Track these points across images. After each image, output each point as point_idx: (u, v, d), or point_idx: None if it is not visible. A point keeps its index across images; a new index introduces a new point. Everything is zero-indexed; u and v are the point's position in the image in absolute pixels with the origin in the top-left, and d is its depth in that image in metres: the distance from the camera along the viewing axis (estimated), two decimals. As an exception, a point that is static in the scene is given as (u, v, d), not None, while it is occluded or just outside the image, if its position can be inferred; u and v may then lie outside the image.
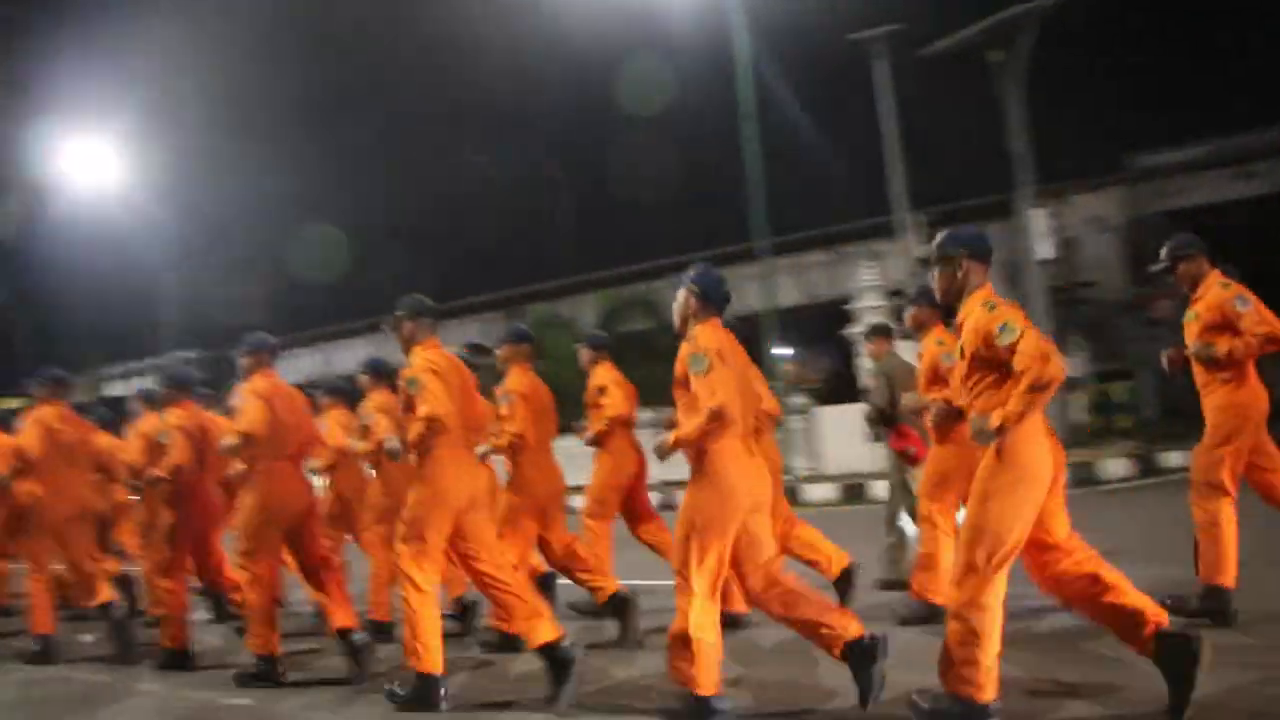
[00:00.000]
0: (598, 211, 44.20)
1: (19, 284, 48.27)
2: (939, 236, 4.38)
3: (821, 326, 33.53)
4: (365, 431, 6.85)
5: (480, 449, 6.17)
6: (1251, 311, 5.49)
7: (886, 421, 7.12)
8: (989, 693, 3.91)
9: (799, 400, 19.23)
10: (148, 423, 7.09)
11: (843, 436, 18.06)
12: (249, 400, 5.84)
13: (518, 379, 6.50)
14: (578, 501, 7.31)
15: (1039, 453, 3.94)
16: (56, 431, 7.29)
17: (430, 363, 5.25)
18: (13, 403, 10.24)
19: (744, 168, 19.33)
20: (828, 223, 30.93)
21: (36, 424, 7.28)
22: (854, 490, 15.70)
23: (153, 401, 7.53)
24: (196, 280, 41.96)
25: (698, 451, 4.41)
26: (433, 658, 5.07)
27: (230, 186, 50.94)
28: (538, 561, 6.88)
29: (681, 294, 4.75)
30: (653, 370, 7.43)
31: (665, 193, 40.35)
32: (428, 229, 51.57)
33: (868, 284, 20.14)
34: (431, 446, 5.12)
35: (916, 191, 19.72)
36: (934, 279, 4.38)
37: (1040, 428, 3.98)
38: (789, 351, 21.69)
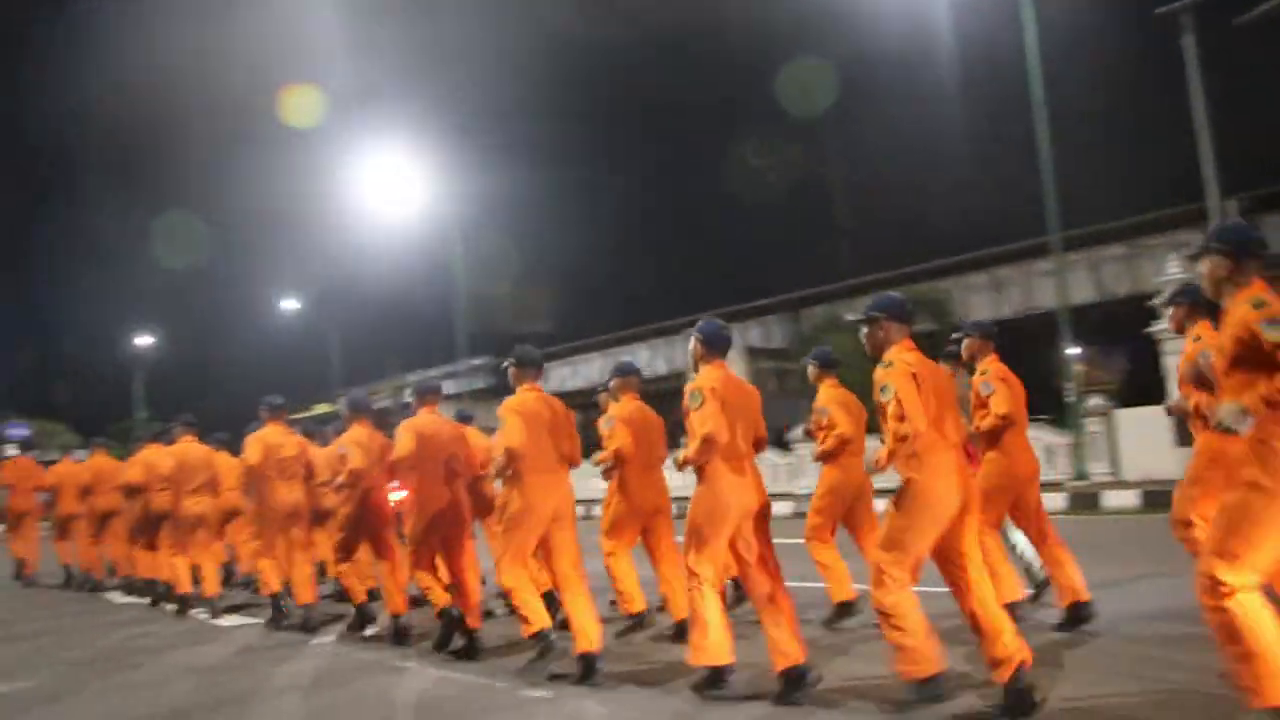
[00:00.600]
0: (879, 211, 43.47)
1: (325, 296, 52.09)
2: (869, 302, 5.10)
3: (1119, 324, 31.69)
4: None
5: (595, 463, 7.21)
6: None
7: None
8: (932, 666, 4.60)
9: (1095, 402, 18.20)
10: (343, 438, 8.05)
11: (1144, 440, 16.96)
12: (402, 433, 7.12)
13: (622, 406, 7.23)
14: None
15: (950, 486, 4.64)
16: (273, 447, 8.68)
17: (518, 403, 6.25)
18: (323, 408, 11.10)
19: (1035, 159, 18.46)
20: (1124, 214, 29.11)
21: (258, 441, 8.68)
22: (1156, 498, 14.58)
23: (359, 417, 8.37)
24: (488, 291, 43.93)
25: (699, 469, 5.27)
26: (538, 619, 6.03)
27: (516, 199, 53.21)
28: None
29: (691, 342, 5.70)
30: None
31: (952, 189, 39.24)
32: (709, 234, 52.21)
33: (1175, 277, 18.79)
34: (520, 471, 6.09)
35: (1228, 176, 18.21)
36: (864, 337, 5.06)
37: (951, 464, 4.67)
38: (1079, 351, 20.55)
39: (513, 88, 57.96)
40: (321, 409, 40.61)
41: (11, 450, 28.06)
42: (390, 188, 32.52)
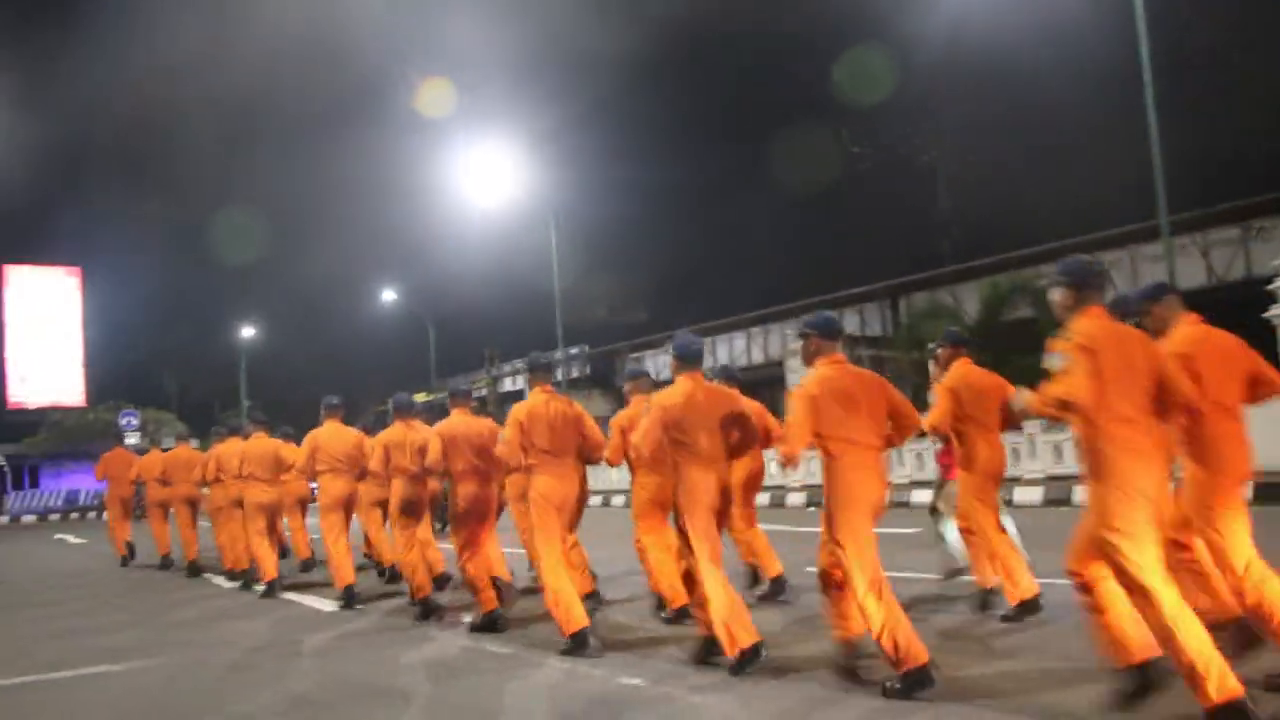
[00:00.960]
0: (980, 196, 42.63)
1: (424, 286, 52.77)
2: (807, 319, 5.87)
3: (1232, 310, 30.67)
4: None
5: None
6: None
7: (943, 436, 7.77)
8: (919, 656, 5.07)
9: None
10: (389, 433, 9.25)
11: (1259, 430, 16.34)
12: (432, 439, 8.02)
13: (629, 410, 7.77)
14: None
15: (864, 481, 5.39)
16: (324, 444, 9.89)
17: (524, 407, 7.20)
18: (421, 397, 11.68)
19: (1142, 139, 17.94)
20: (1236, 195, 28.08)
21: (310, 440, 9.98)
22: (1271, 491, 14.03)
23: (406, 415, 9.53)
24: (584, 282, 44.10)
25: (674, 466, 6.13)
26: (570, 615, 6.66)
27: (610, 191, 53.32)
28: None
29: (669, 359, 6.61)
30: (1039, 360, 7.05)
31: (1055, 171, 38.34)
32: (804, 221, 51.76)
33: (1292, 260, 18.02)
34: (533, 465, 7.05)
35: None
36: (800, 350, 5.90)
37: (869, 463, 5.42)
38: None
39: (602, 82, 57.94)
40: (420, 398, 41.26)
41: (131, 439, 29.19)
42: (490, 180, 32.89)
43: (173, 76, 59.93)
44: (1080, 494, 15.87)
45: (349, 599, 9.39)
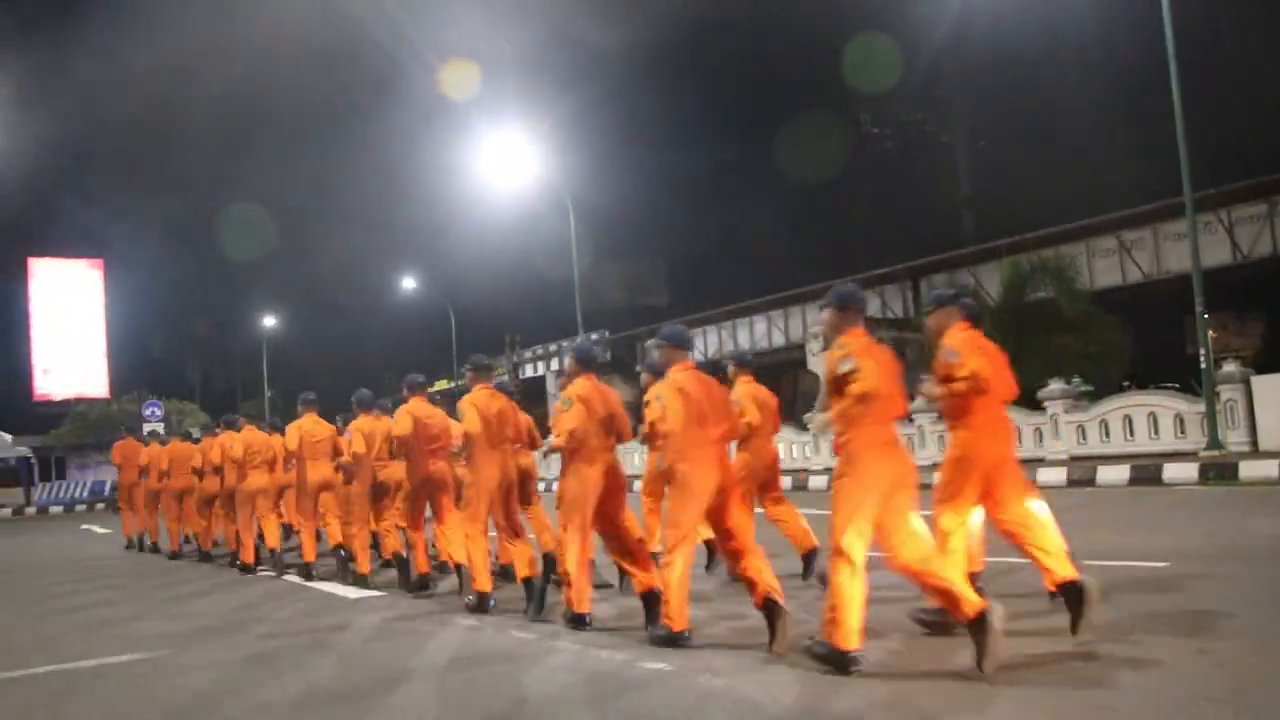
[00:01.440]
0: (1001, 176, 42.37)
1: (446, 274, 52.83)
2: (661, 331, 6.75)
3: (1257, 287, 30.37)
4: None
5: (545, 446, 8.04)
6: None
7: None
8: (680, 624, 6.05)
9: (1230, 369, 17.42)
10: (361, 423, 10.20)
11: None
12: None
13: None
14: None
15: (700, 473, 5.98)
16: (307, 433, 10.69)
17: (471, 401, 7.90)
18: (442, 384, 11.91)
19: (1163, 115, 17.75)
20: (1264, 170, 27.74)
21: (296, 429, 10.77)
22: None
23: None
24: (603, 266, 44.05)
25: (568, 457, 6.85)
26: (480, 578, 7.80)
27: (629, 176, 53.27)
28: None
29: (567, 361, 7.49)
30: (1061, 340, 7.01)
31: (1076, 150, 38.06)
32: (823, 204, 51.56)
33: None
34: (472, 452, 7.80)
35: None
36: (657, 358, 6.68)
37: (709, 456, 6.04)
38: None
39: (619, 69, 57.78)
40: (441, 385, 41.39)
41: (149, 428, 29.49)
42: (508, 167, 32.82)
43: (192, 69, 60.07)
44: (1103, 474, 15.81)
45: (347, 558, 10.46)
